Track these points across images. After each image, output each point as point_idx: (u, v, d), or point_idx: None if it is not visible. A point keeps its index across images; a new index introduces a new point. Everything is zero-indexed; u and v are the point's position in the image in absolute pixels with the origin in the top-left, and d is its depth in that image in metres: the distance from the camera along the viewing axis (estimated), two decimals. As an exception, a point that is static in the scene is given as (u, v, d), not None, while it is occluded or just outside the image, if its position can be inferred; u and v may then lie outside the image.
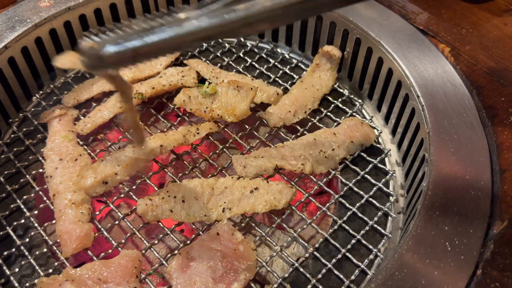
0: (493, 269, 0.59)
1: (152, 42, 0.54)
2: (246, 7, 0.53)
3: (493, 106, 0.79)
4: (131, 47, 0.54)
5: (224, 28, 0.54)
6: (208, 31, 0.54)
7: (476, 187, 0.67)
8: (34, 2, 0.97)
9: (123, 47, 0.54)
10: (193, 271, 0.69)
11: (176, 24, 0.54)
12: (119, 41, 0.54)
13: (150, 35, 0.54)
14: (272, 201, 0.75)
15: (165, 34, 0.54)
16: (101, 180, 0.78)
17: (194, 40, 0.55)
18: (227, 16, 0.53)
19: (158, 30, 0.54)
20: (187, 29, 0.54)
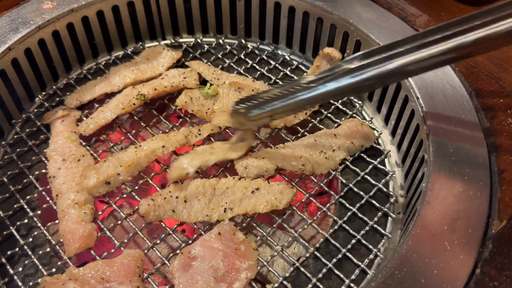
0: (491, 268, 0.60)
1: (282, 105, 0.74)
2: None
3: (491, 108, 0.79)
4: (269, 109, 0.75)
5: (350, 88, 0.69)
6: (334, 93, 0.70)
7: (475, 188, 0.68)
8: (37, 4, 0.98)
9: (262, 110, 0.76)
10: (195, 270, 0.70)
11: (303, 90, 0.72)
12: (262, 106, 0.76)
13: (283, 101, 0.74)
14: (273, 201, 0.76)
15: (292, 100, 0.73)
16: (104, 181, 0.79)
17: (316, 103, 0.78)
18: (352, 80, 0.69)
19: (288, 97, 0.73)
20: (315, 93, 0.72)
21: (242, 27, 1.10)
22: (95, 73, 1.04)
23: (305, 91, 0.72)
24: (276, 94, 0.74)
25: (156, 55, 1.03)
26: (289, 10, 1.02)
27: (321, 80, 0.71)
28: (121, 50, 1.09)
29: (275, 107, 0.74)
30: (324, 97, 0.72)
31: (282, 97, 0.74)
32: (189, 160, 0.80)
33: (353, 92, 0.74)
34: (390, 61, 0.66)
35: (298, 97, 0.72)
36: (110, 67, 1.03)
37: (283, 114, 0.78)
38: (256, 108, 0.76)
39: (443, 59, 0.64)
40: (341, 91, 0.70)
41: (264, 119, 0.78)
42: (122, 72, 0.99)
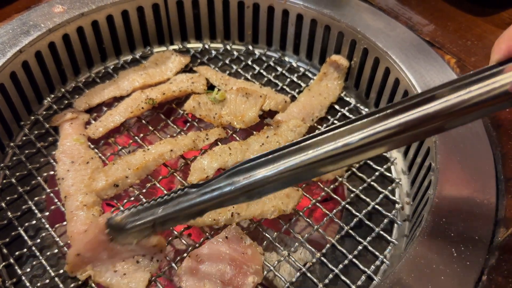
0: (498, 275, 0.61)
1: (164, 214, 0.63)
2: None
3: (497, 116, 0.80)
4: (149, 219, 0.64)
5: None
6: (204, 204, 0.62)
7: (482, 195, 0.69)
8: (48, 8, 0.99)
9: (142, 220, 0.65)
10: (202, 274, 0.70)
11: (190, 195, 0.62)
12: (141, 216, 0.65)
13: (163, 209, 0.63)
14: (280, 206, 0.76)
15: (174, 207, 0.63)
16: (112, 183, 0.80)
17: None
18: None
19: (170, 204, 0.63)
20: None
21: (250, 33, 1.11)
22: (103, 77, 1.05)
23: (191, 195, 0.62)
24: (157, 200, 0.64)
25: (164, 60, 1.04)
26: (297, 18, 1.03)
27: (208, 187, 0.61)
28: (130, 55, 1.10)
29: (154, 216, 0.64)
30: (214, 204, 0.62)
31: (163, 203, 0.64)
32: (208, 162, 0.81)
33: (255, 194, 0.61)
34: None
35: (182, 204, 0.63)
36: (118, 71, 1.04)
37: (167, 225, 0.66)
38: (133, 216, 0.66)
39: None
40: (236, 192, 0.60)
41: (145, 231, 0.66)
42: (131, 76, 1.00)
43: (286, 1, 1.02)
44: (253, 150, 0.85)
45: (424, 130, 0.53)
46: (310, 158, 0.56)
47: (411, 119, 0.53)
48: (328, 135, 0.56)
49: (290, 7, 1.02)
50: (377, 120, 0.54)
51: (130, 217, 0.66)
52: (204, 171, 0.82)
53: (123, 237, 0.68)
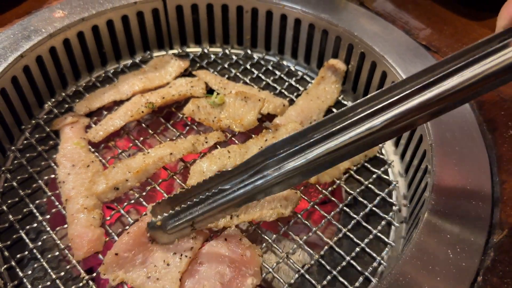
0: (493, 276, 0.61)
1: (202, 212, 0.69)
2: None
3: (493, 120, 0.81)
4: (189, 218, 0.69)
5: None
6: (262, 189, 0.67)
7: (477, 197, 0.70)
8: (49, 13, 1.00)
9: (181, 221, 0.70)
10: (202, 275, 0.71)
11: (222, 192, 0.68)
12: (180, 217, 0.70)
13: (201, 208, 0.69)
14: (279, 209, 0.77)
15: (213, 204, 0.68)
16: (113, 186, 0.80)
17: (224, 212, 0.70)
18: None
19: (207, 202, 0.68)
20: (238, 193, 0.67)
21: (249, 38, 1.12)
22: (103, 81, 1.06)
23: (225, 193, 0.67)
24: (193, 200, 0.68)
25: (164, 64, 1.05)
26: (295, 22, 1.04)
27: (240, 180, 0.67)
28: (130, 59, 1.11)
29: (193, 215, 0.69)
30: (249, 198, 0.67)
31: (200, 202, 0.68)
32: (207, 165, 0.82)
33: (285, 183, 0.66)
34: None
35: (217, 201, 0.68)
36: (118, 75, 1.05)
37: (206, 222, 0.71)
38: (172, 218, 0.71)
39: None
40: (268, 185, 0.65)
41: (185, 229, 0.72)
42: (131, 80, 1.00)
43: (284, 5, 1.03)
44: (251, 153, 0.86)
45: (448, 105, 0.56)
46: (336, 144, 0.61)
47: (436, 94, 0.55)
48: (351, 121, 0.60)
49: (288, 12, 1.04)
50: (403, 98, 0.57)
51: (169, 219, 0.71)
52: (203, 174, 0.83)
53: (164, 237, 0.73)
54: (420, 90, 0.57)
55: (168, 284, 0.69)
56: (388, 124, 0.58)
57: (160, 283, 0.69)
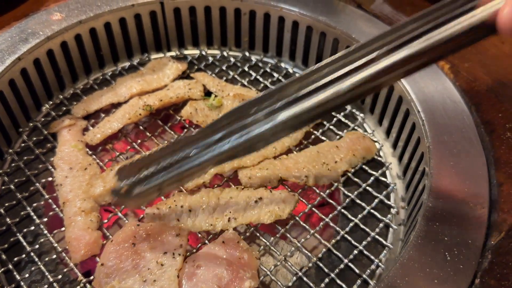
0: (491, 279, 0.61)
1: (169, 176, 0.66)
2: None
3: (491, 122, 0.81)
4: (156, 184, 0.66)
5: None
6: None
7: (475, 200, 0.70)
8: (46, 15, 1.00)
9: (147, 186, 0.67)
10: (200, 278, 0.71)
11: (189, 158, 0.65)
12: (146, 183, 0.66)
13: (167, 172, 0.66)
14: (277, 211, 0.77)
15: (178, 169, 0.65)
16: (110, 189, 0.80)
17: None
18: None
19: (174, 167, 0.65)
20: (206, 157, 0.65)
21: (246, 40, 1.12)
22: (101, 84, 1.06)
23: (190, 159, 0.65)
24: (160, 166, 0.66)
25: (161, 67, 1.05)
26: (293, 25, 1.04)
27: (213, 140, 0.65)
28: (127, 61, 1.11)
29: (159, 180, 0.67)
30: (214, 163, 0.66)
31: (166, 168, 0.66)
32: None
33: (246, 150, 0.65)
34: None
35: (183, 166, 0.66)
36: (116, 77, 1.05)
37: (172, 186, 0.69)
38: (138, 184, 0.67)
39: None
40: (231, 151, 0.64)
41: (152, 194, 0.69)
42: (129, 83, 1.00)
43: (282, 8, 1.03)
44: (249, 156, 0.86)
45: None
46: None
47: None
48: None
49: (286, 14, 1.04)
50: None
51: (135, 185, 0.67)
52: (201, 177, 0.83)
53: (131, 203, 0.71)
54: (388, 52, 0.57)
55: (167, 284, 0.69)
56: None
57: (158, 284, 0.69)
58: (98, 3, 1.02)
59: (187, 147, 0.66)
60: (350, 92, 0.59)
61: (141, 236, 0.74)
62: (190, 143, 0.66)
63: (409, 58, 0.56)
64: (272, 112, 0.62)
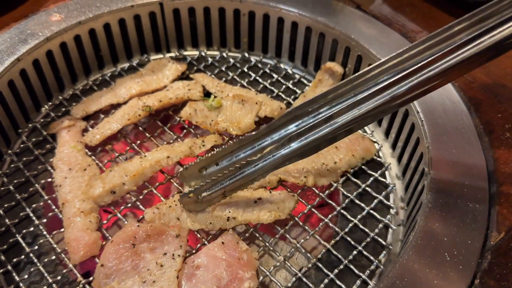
0: (490, 279, 0.61)
1: (232, 182, 0.72)
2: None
3: (490, 122, 0.81)
4: (220, 188, 0.73)
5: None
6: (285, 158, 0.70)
7: (474, 200, 0.70)
8: (46, 16, 1.00)
9: (213, 192, 0.73)
10: (199, 279, 0.71)
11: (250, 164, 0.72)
12: (211, 188, 0.73)
13: (231, 178, 0.72)
14: (276, 211, 0.77)
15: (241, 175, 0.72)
16: (109, 190, 0.80)
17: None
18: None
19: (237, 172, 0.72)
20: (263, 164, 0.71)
21: (246, 41, 1.12)
22: (100, 84, 1.06)
23: (253, 164, 0.71)
24: (222, 172, 0.72)
25: (161, 68, 1.05)
26: (292, 25, 1.04)
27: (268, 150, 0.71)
28: (127, 62, 1.11)
29: (224, 185, 0.73)
30: (274, 166, 0.71)
31: (229, 174, 0.72)
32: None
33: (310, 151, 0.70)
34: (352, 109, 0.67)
35: (245, 172, 0.72)
36: (115, 78, 1.05)
37: (235, 190, 0.75)
38: (204, 191, 0.74)
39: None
40: (294, 154, 0.70)
41: (216, 198, 0.75)
42: (128, 83, 1.00)
43: (281, 9, 1.03)
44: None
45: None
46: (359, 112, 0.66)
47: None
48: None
49: (285, 15, 1.04)
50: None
51: (201, 192, 0.74)
52: None
53: (197, 206, 0.76)
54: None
55: (166, 285, 0.69)
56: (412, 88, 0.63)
57: (157, 285, 0.69)
58: (98, 4, 1.02)
59: (246, 147, 0.74)
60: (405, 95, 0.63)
61: (141, 237, 0.74)
62: (249, 144, 0.74)
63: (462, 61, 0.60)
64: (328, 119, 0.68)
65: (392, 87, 0.64)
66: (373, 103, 0.65)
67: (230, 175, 0.72)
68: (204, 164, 0.78)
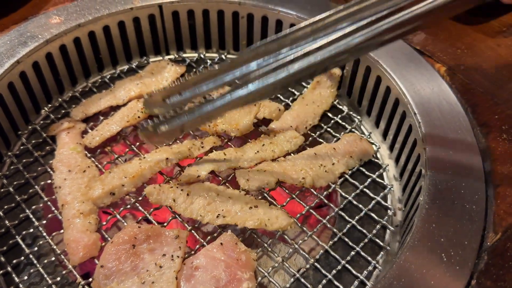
0: (487, 280, 0.62)
1: (190, 119, 0.72)
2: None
3: (487, 124, 0.82)
4: (179, 124, 0.73)
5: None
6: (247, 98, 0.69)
7: (471, 201, 0.70)
8: (45, 19, 1.00)
9: (173, 125, 0.73)
10: (198, 280, 0.71)
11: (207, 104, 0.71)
12: (170, 121, 0.73)
13: (192, 114, 0.72)
14: (265, 221, 0.76)
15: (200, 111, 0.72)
16: (109, 191, 0.81)
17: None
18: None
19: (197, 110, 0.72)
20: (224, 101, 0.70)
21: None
22: (100, 86, 1.06)
23: (211, 102, 0.71)
24: (181, 106, 0.74)
25: (160, 70, 1.05)
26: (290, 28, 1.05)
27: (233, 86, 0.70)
28: (126, 64, 1.11)
29: (182, 121, 0.74)
30: (232, 106, 0.71)
31: (187, 111, 0.73)
32: (202, 164, 0.85)
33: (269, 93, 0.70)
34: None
35: (204, 109, 0.72)
36: (115, 80, 1.06)
37: (193, 126, 0.80)
38: (163, 124, 0.75)
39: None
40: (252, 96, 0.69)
41: (175, 133, 0.77)
42: (127, 85, 1.01)
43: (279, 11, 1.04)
44: (248, 157, 0.86)
45: None
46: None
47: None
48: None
49: (284, 18, 1.04)
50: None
51: (160, 125, 0.74)
52: (197, 171, 0.84)
53: (156, 139, 0.77)
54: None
55: (165, 286, 0.69)
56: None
57: (156, 285, 0.70)
58: (97, 6, 1.03)
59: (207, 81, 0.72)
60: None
61: (141, 237, 0.74)
62: (209, 78, 0.71)
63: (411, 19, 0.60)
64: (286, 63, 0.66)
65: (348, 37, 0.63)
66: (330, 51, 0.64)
67: (189, 111, 0.73)
68: (167, 93, 0.76)
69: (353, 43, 0.63)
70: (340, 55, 0.64)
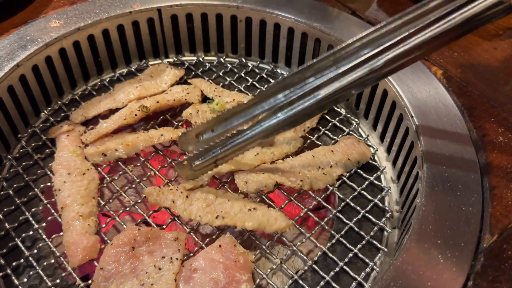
0: (483, 281, 0.62)
1: (223, 151, 0.77)
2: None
3: (483, 126, 0.83)
4: (212, 156, 0.78)
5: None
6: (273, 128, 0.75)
7: (467, 203, 0.71)
8: (45, 23, 1.01)
9: (205, 160, 0.79)
10: (197, 282, 0.71)
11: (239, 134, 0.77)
12: (204, 156, 0.79)
13: (224, 146, 0.77)
14: (263, 223, 0.77)
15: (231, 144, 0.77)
16: (101, 151, 0.87)
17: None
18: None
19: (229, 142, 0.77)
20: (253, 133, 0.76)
21: (243, 46, 1.14)
22: (99, 90, 1.07)
23: (243, 134, 0.76)
24: (217, 140, 0.78)
25: (159, 73, 1.06)
26: (288, 31, 1.06)
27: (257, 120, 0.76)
28: (125, 68, 1.12)
29: (215, 154, 0.78)
30: (264, 135, 0.76)
31: (221, 143, 0.77)
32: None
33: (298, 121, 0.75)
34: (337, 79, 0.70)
35: (236, 141, 0.77)
36: (114, 83, 1.06)
37: (227, 159, 0.80)
38: (197, 158, 0.80)
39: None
40: (282, 124, 0.74)
41: (209, 166, 0.80)
42: (126, 88, 1.01)
43: (277, 15, 1.05)
44: (247, 158, 0.87)
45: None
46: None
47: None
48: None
49: (282, 21, 1.05)
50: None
51: (194, 159, 0.79)
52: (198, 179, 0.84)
53: (191, 174, 0.82)
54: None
55: None
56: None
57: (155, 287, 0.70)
58: (96, 10, 1.04)
59: (239, 121, 0.77)
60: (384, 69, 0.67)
61: (140, 240, 0.74)
62: (241, 111, 0.77)
63: (437, 36, 0.63)
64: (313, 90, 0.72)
65: (371, 60, 0.67)
66: (354, 75, 0.68)
67: (222, 144, 0.77)
68: (200, 130, 0.81)
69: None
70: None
